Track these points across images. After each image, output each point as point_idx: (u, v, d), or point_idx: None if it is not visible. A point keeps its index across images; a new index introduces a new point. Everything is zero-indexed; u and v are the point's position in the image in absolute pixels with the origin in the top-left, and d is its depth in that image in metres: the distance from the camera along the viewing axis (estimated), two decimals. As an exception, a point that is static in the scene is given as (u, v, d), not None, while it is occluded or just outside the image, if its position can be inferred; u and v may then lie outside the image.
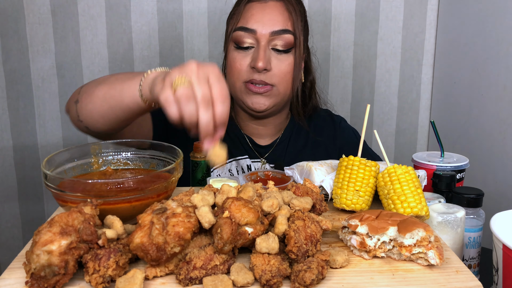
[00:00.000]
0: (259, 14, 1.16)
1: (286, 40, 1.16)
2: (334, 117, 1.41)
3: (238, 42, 1.17)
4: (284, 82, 1.20)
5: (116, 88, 0.92)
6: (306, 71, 1.31)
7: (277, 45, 1.16)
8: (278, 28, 1.16)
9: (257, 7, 1.17)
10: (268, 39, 1.16)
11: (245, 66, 1.17)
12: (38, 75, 1.81)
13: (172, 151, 0.88)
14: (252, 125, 1.30)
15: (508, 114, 1.51)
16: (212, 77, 0.75)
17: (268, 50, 1.17)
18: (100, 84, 0.97)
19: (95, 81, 1.02)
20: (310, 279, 0.60)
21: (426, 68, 1.95)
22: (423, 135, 2.03)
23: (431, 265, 0.68)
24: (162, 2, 1.81)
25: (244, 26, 1.16)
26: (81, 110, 0.99)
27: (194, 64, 0.76)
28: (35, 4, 1.75)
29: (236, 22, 1.19)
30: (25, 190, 1.88)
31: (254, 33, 1.15)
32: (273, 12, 1.16)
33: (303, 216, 0.70)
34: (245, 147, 1.30)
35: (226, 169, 1.26)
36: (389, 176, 0.85)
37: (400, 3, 1.88)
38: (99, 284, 0.60)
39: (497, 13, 1.55)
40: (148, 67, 1.85)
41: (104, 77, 1.01)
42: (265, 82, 1.16)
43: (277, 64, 1.17)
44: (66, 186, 0.75)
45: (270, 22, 1.15)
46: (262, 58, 1.14)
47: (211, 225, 0.65)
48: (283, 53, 1.18)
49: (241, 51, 1.18)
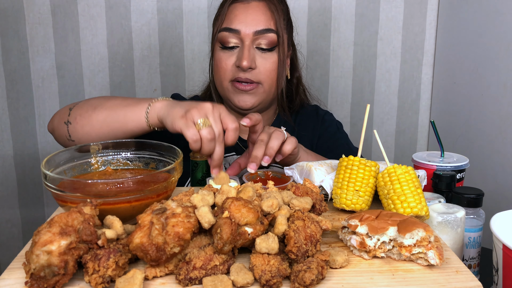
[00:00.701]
0: (242, 15, 1.20)
1: (269, 39, 1.20)
2: (320, 111, 1.43)
3: (223, 42, 1.21)
4: (269, 79, 1.23)
5: (118, 114, 1.03)
6: (292, 67, 1.35)
7: (261, 44, 1.20)
8: (261, 27, 1.19)
9: (240, 8, 1.21)
10: (252, 39, 1.20)
11: (230, 65, 1.21)
12: (38, 75, 1.81)
13: (172, 151, 0.88)
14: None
15: (508, 114, 1.51)
16: (223, 113, 0.93)
17: (253, 49, 1.20)
18: (98, 108, 1.05)
19: (87, 104, 1.08)
20: (310, 279, 0.60)
21: (426, 68, 1.95)
22: (423, 135, 2.03)
23: (431, 265, 0.68)
24: (162, 2, 1.81)
25: (228, 27, 1.20)
26: (75, 132, 1.06)
27: (209, 104, 0.93)
28: (35, 4, 1.75)
29: (220, 23, 1.23)
30: (25, 190, 1.88)
31: (238, 33, 1.19)
32: (256, 12, 1.20)
33: (303, 216, 0.70)
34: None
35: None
36: (389, 176, 0.85)
37: (400, 3, 1.88)
38: (98, 284, 0.60)
39: (497, 13, 1.55)
40: (148, 67, 1.85)
41: (99, 100, 1.09)
42: (250, 80, 1.20)
43: (262, 62, 1.21)
44: (66, 186, 0.75)
45: (253, 22, 1.19)
46: (247, 57, 1.18)
47: (210, 225, 0.65)
48: (267, 51, 1.22)
49: (226, 51, 1.22)
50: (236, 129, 0.93)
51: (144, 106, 1.01)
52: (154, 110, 1.00)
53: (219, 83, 1.26)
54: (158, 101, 1.01)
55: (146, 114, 1.00)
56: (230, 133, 0.93)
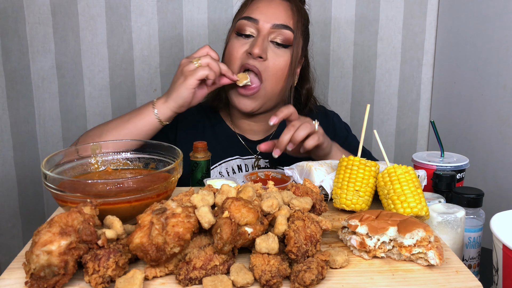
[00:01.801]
0: (264, 7, 1.22)
1: (285, 35, 1.21)
2: (328, 113, 1.44)
3: (240, 29, 1.22)
4: (274, 78, 1.22)
5: (128, 128, 1.11)
6: (303, 79, 1.34)
7: (276, 38, 1.21)
8: (280, 22, 1.21)
9: (263, 2, 1.23)
10: (268, 31, 1.20)
11: (241, 52, 1.22)
12: (38, 75, 1.81)
13: (172, 151, 0.88)
14: (246, 121, 1.34)
15: (508, 114, 1.51)
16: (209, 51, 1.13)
17: (267, 41, 1.21)
18: (104, 134, 1.12)
19: (91, 135, 1.14)
20: (310, 279, 0.60)
21: (426, 68, 1.95)
22: (423, 135, 2.03)
23: (431, 265, 0.68)
24: (162, 2, 1.81)
25: (248, 16, 1.22)
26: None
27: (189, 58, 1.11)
28: (35, 4, 1.75)
29: (241, 13, 1.25)
30: (25, 190, 1.88)
31: (257, 23, 1.20)
32: (278, 7, 1.22)
33: (303, 216, 0.70)
34: (237, 146, 1.32)
35: (216, 171, 1.28)
36: (389, 176, 0.85)
37: (400, 3, 1.88)
38: (98, 284, 0.60)
39: (497, 13, 1.55)
40: (148, 67, 1.85)
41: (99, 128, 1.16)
42: (257, 69, 1.19)
43: (273, 56, 1.21)
44: (66, 186, 0.75)
45: (273, 16, 1.21)
46: (260, 45, 1.18)
47: (210, 225, 0.65)
48: (281, 47, 1.22)
49: (241, 38, 1.23)
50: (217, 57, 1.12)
51: (149, 110, 1.11)
52: (161, 107, 1.11)
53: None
54: (157, 100, 1.12)
55: (155, 115, 1.10)
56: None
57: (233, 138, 1.33)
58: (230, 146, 1.32)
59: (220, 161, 1.29)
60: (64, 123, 1.86)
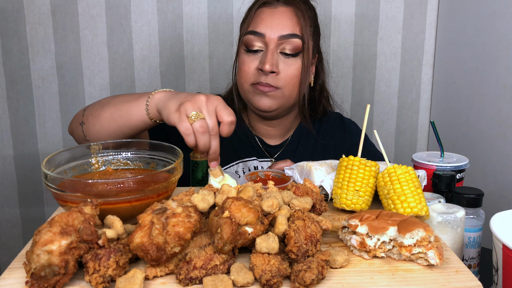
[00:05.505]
0: (268, 19, 1.20)
1: (294, 44, 1.19)
2: (345, 120, 1.43)
3: (248, 45, 1.21)
4: (290, 85, 1.22)
5: (122, 109, 1.02)
6: (316, 75, 1.33)
7: (285, 49, 1.19)
8: (286, 32, 1.19)
9: (267, 12, 1.21)
10: (276, 43, 1.19)
11: (252, 68, 1.21)
12: (38, 75, 1.81)
13: (172, 151, 0.88)
14: (262, 125, 1.34)
15: (508, 114, 1.51)
16: (219, 105, 0.89)
17: (276, 53, 1.20)
18: (105, 106, 1.06)
19: (98, 104, 1.10)
20: (310, 279, 0.60)
21: (426, 68, 1.95)
22: (423, 135, 2.03)
23: (431, 265, 0.68)
24: (162, 2, 1.81)
25: (254, 30, 1.20)
26: (88, 131, 1.07)
27: (203, 97, 0.89)
28: (35, 4, 1.75)
29: (247, 26, 1.23)
30: (25, 190, 1.88)
31: (263, 37, 1.19)
32: (282, 17, 1.20)
33: (303, 216, 0.70)
34: (255, 147, 1.33)
35: (233, 170, 1.29)
36: (389, 176, 0.85)
37: (400, 3, 1.88)
38: (99, 284, 0.60)
39: (497, 13, 1.55)
40: (148, 67, 1.85)
41: (107, 99, 1.10)
42: (271, 85, 1.19)
43: (284, 68, 1.20)
44: (66, 186, 0.75)
45: (279, 27, 1.19)
46: (270, 61, 1.17)
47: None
48: (291, 57, 1.21)
49: (250, 54, 1.21)
50: (232, 123, 0.89)
51: (144, 99, 1.00)
52: (154, 102, 0.98)
53: (241, 85, 1.25)
54: (157, 93, 1.00)
55: (146, 106, 0.99)
56: (224, 127, 0.89)
57: (252, 140, 1.34)
58: (249, 147, 1.33)
59: (237, 160, 1.29)
60: (64, 123, 1.86)
